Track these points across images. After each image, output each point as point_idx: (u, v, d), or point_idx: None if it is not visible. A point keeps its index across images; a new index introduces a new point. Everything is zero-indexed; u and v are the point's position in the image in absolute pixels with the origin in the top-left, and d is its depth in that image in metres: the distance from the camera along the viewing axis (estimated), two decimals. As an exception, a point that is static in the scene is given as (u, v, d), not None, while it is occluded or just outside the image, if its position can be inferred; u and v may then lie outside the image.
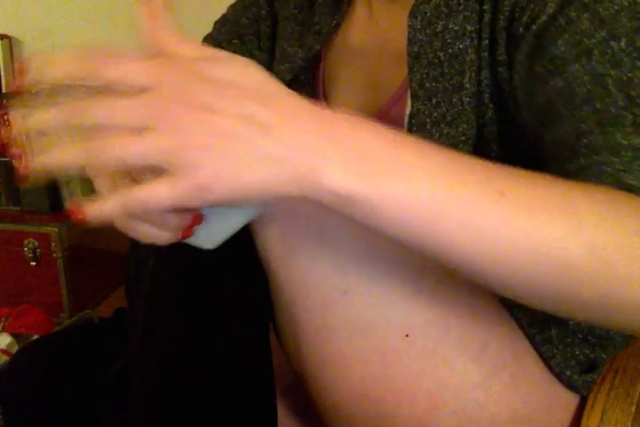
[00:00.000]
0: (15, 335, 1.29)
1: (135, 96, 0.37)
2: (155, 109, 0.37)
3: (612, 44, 0.47)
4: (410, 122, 0.59)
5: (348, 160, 0.38)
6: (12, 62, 1.80)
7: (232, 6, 0.80)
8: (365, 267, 0.53)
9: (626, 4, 0.48)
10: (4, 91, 1.77)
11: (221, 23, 0.79)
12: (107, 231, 0.47)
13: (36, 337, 1.23)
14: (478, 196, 0.39)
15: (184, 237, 0.46)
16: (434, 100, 0.58)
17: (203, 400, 0.57)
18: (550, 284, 0.40)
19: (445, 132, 0.57)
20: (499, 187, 0.39)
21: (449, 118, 0.57)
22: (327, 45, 0.71)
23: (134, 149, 0.37)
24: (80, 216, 0.39)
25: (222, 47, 0.77)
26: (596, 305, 0.41)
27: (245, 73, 0.39)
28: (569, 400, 0.60)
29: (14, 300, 1.51)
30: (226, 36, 0.78)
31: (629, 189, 0.43)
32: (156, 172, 0.38)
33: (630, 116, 0.46)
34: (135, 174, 0.41)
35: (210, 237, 0.49)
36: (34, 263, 1.52)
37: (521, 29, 0.52)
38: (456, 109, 0.57)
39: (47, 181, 0.41)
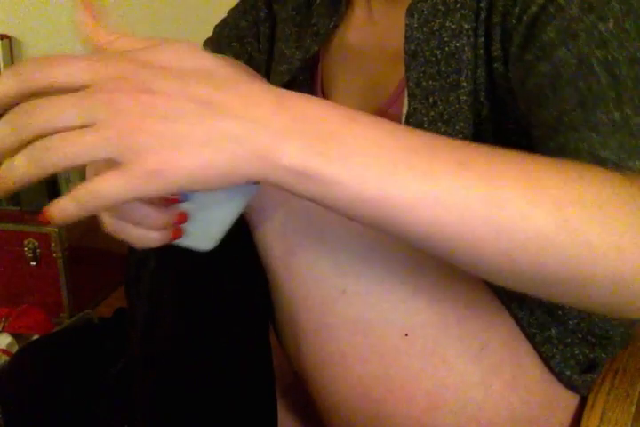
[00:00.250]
0: (15, 335, 1.29)
1: (75, 93, 0.36)
2: (96, 101, 0.36)
3: (600, 26, 0.47)
4: (407, 121, 0.59)
5: (304, 137, 0.36)
6: (12, 62, 1.80)
7: (232, 10, 0.80)
8: (365, 266, 0.53)
9: None
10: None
11: (221, 27, 0.80)
12: (107, 231, 0.46)
13: (36, 337, 1.24)
14: (435, 166, 0.37)
15: (175, 238, 0.45)
16: (431, 99, 0.58)
17: (203, 400, 0.57)
18: (517, 257, 0.38)
19: (442, 130, 0.57)
20: (457, 157, 0.38)
21: (446, 117, 0.57)
22: (325, 46, 0.71)
23: (79, 145, 0.35)
24: (42, 218, 0.38)
25: (222, 51, 0.77)
26: (568, 279, 0.39)
27: (187, 56, 0.38)
28: (569, 400, 0.60)
29: (14, 300, 1.51)
30: (226, 39, 0.78)
31: (603, 162, 0.42)
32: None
33: (613, 94, 0.45)
34: None
35: (202, 236, 0.48)
36: (34, 263, 1.52)
37: (513, 21, 0.52)
38: (453, 108, 0.57)
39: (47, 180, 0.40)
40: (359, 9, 0.69)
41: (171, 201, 0.43)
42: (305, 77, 0.72)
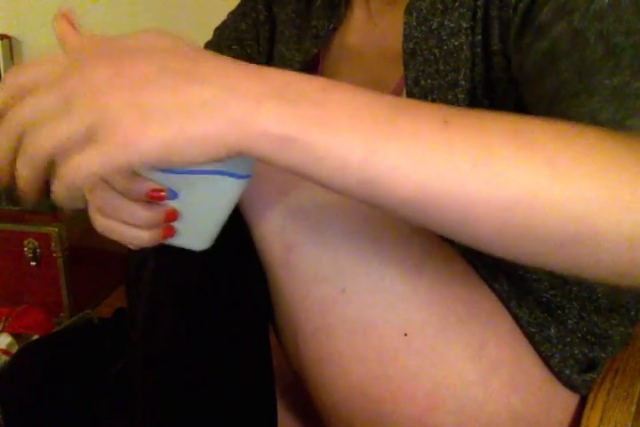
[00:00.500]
0: (15, 335, 1.29)
1: (47, 85, 0.37)
2: (66, 87, 0.36)
3: (596, 1, 0.46)
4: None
5: (282, 102, 0.35)
6: (13, 62, 1.80)
7: (232, 13, 0.80)
8: (364, 266, 0.53)
9: None
10: (3, 91, 1.77)
11: (221, 30, 0.80)
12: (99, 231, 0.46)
13: (36, 337, 1.23)
14: (419, 124, 0.36)
15: (165, 237, 0.45)
16: (429, 98, 0.58)
17: (203, 400, 0.57)
18: (509, 217, 0.36)
19: None
20: (442, 116, 0.36)
21: None
22: (326, 48, 0.72)
23: (55, 127, 0.36)
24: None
25: (222, 53, 0.77)
26: (568, 239, 0.36)
27: (156, 40, 0.38)
28: (568, 400, 0.60)
29: (14, 300, 1.51)
30: (226, 41, 0.78)
31: (603, 124, 0.40)
32: None
33: (610, 63, 0.44)
34: None
35: (194, 235, 0.48)
36: (34, 263, 1.52)
37: (510, 12, 0.52)
38: (451, 104, 0.57)
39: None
40: (358, 10, 0.69)
41: (158, 198, 0.43)
42: None
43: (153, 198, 0.42)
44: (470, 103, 0.57)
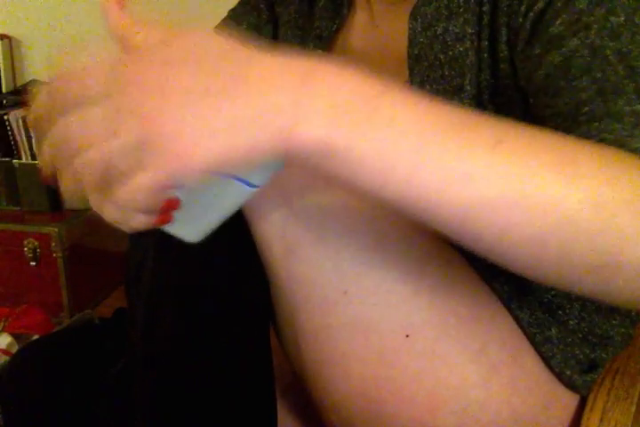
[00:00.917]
0: (15, 335, 1.29)
1: (99, 101, 0.37)
2: (114, 103, 0.36)
3: (612, 19, 0.47)
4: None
5: (328, 111, 0.36)
6: (12, 62, 1.80)
7: (232, 10, 0.80)
8: (365, 267, 0.53)
9: None
10: (3, 91, 1.78)
11: (222, 27, 0.79)
12: (107, 231, 0.46)
13: (36, 337, 1.23)
14: (470, 143, 0.36)
15: (162, 223, 0.44)
16: None
17: (203, 400, 0.57)
18: (548, 242, 0.37)
19: None
20: (493, 135, 0.37)
21: None
22: (329, 49, 0.71)
23: (109, 145, 0.36)
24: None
25: None
26: (597, 267, 0.37)
27: (204, 45, 0.38)
28: (569, 400, 0.60)
29: (14, 300, 1.51)
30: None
31: (635, 152, 0.41)
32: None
33: (632, 85, 0.44)
34: None
35: (189, 226, 0.47)
36: (34, 263, 1.52)
37: (520, 19, 0.52)
38: None
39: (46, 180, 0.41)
40: (361, 12, 0.69)
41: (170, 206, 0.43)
42: None
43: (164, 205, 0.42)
44: (476, 108, 0.57)
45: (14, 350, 1.22)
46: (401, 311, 0.53)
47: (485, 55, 0.56)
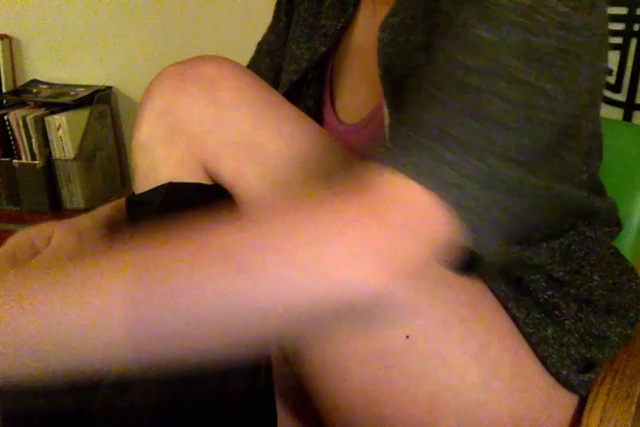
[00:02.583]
0: (15, 335, 1.29)
1: None
2: None
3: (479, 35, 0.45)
4: (390, 133, 0.59)
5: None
6: (12, 62, 1.80)
7: (270, 25, 0.82)
8: None
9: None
10: (3, 91, 1.78)
11: (260, 44, 0.82)
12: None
13: (36, 337, 1.23)
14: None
15: None
16: None
17: (202, 401, 0.57)
18: None
19: None
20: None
21: None
22: (335, 46, 0.72)
23: None
24: None
25: (259, 69, 0.80)
26: None
27: None
28: (569, 400, 0.60)
29: (14, 300, 1.51)
30: (261, 56, 0.81)
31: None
32: None
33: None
34: None
35: None
36: (34, 263, 1.52)
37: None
38: None
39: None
40: (365, 10, 0.70)
41: None
42: (314, 76, 0.73)
43: None
44: None
45: (14, 350, 1.22)
46: (402, 313, 0.53)
47: None
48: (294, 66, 0.73)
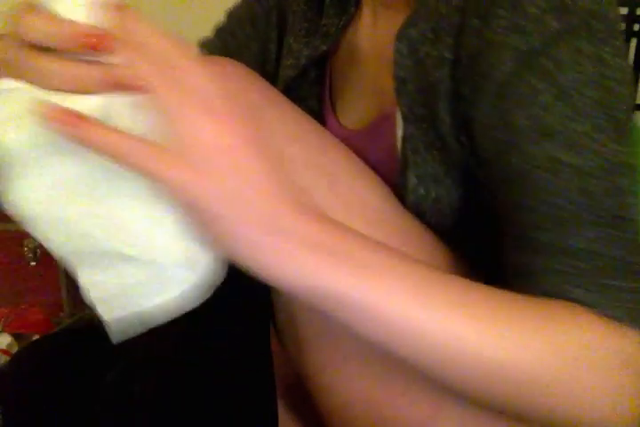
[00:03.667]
0: (15, 335, 1.29)
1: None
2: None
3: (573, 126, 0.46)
4: (404, 146, 0.57)
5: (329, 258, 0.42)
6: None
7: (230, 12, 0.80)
8: None
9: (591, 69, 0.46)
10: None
11: (232, 15, 0.80)
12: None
13: (36, 337, 1.23)
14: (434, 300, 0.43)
15: None
16: (424, 125, 0.56)
17: (203, 400, 0.57)
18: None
19: (439, 158, 0.56)
20: (458, 302, 0.44)
21: (438, 145, 0.56)
22: (335, 45, 0.71)
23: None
24: None
25: (236, 36, 0.79)
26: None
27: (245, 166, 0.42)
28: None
29: (14, 300, 1.51)
30: (238, 24, 0.79)
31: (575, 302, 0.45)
32: None
33: (587, 216, 0.46)
34: None
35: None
36: (34, 263, 1.52)
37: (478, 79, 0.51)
38: (440, 136, 0.56)
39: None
40: (366, 11, 0.69)
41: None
42: (316, 74, 0.72)
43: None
44: (454, 136, 0.55)
45: (14, 350, 1.22)
46: None
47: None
48: (292, 60, 0.71)
